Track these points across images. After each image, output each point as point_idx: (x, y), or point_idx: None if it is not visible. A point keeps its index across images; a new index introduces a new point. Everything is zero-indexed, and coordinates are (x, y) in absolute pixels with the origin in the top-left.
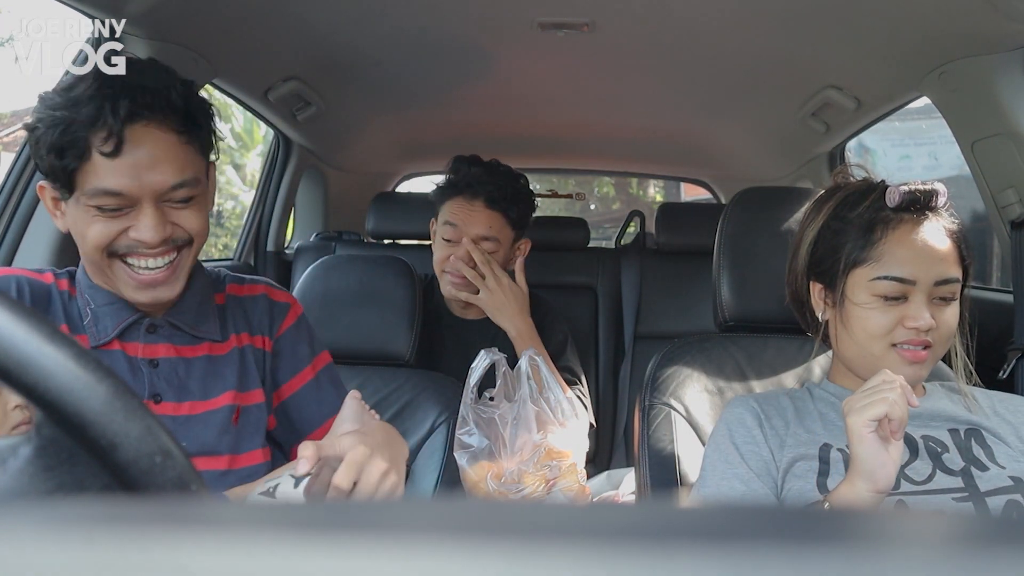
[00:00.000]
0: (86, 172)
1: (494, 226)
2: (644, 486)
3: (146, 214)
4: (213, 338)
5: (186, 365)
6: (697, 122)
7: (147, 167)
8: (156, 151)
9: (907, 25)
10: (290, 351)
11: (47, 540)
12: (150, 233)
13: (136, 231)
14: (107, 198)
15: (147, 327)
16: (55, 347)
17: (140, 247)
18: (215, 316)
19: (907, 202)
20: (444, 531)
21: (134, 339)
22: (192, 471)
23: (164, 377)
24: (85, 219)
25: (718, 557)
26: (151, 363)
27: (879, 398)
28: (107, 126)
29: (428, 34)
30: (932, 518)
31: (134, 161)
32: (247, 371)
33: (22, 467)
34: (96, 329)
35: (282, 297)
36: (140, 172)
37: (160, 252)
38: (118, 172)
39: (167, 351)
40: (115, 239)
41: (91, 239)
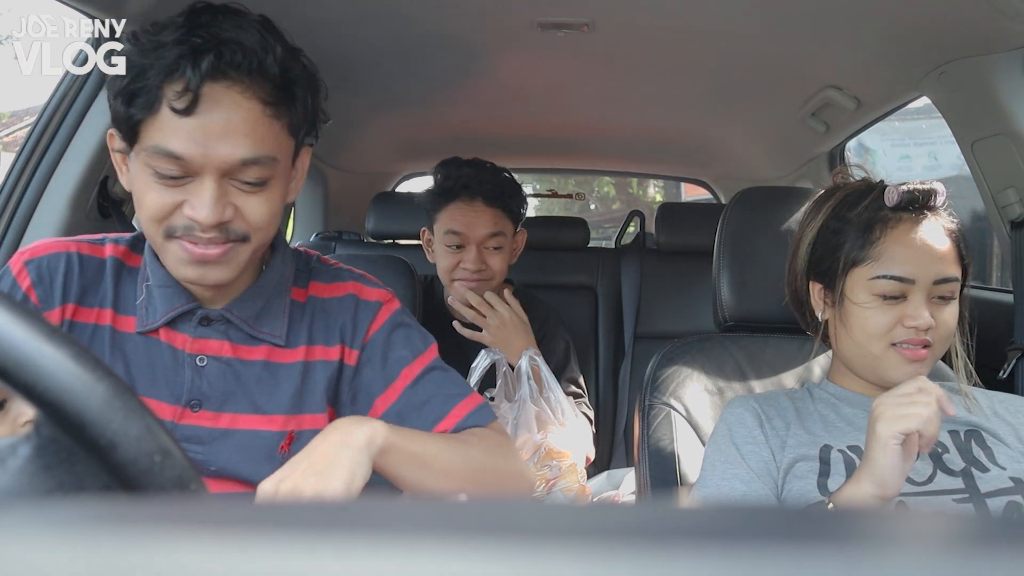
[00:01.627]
0: (151, 126)
1: (498, 223)
2: (644, 486)
3: (205, 188)
4: (275, 341)
5: (238, 368)
6: (697, 122)
7: (218, 134)
8: (233, 118)
9: (907, 25)
10: (380, 358)
11: (47, 540)
12: (205, 211)
13: (191, 207)
14: (166, 160)
15: (200, 319)
16: (54, 346)
17: (194, 228)
18: (285, 315)
19: (906, 201)
20: (444, 531)
21: (184, 330)
22: (192, 471)
23: (209, 380)
24: (142, 181)
25: (718, 557)
26: (198, 361)
27: (914, 412)
28: (184, 79)
29: (428, 34)
30: (932, 518)
31: (205, 124)
32: (310, 390)
33: (22, 466)
34: (146, 312)
35: (372, 295)
36: (209, 138)
37: (210, 240)
38: (185, 133)
39: (219, 348)
40: (170, 215)
41: (147, 208)
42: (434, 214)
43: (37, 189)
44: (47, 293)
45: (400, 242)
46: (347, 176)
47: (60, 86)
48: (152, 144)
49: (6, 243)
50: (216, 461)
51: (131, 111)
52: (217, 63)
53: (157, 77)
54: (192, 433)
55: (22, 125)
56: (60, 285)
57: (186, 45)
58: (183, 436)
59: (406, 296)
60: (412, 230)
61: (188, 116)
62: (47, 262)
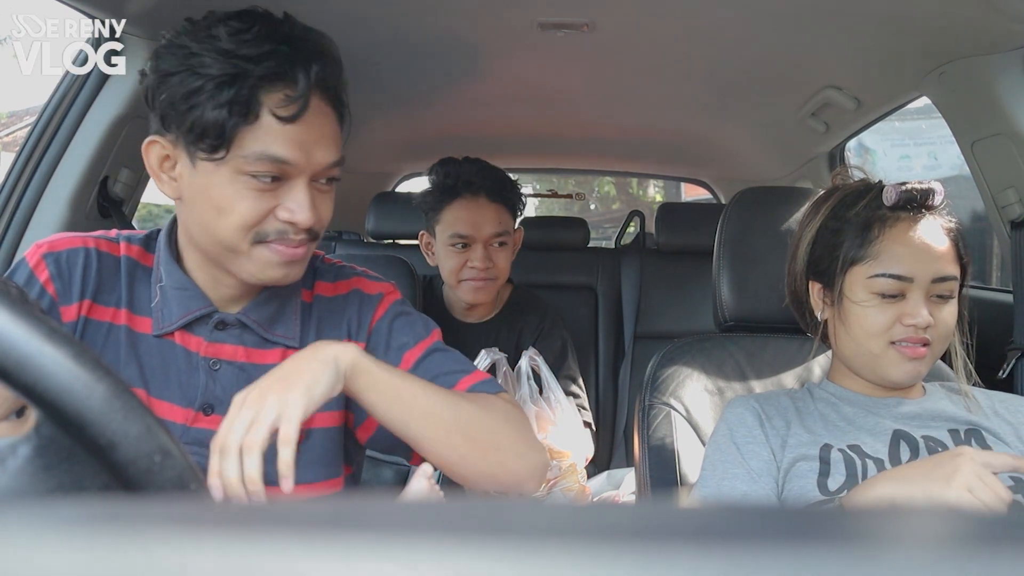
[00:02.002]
0: (249, 133)
1: (502, 220)
2: (644, 486)
3: (300, 191)
4: (289, 344)
5: (251, 373)
6: (697, 122)
7: (315, 140)
8: (325, 124)
9: (907, 25)
10: (384, 347)
11: (47, 540)
12: (304, 213)
13: (287, 211)
14: (269, 165)
15: (216, 323)
16: (54, 346)
17: (289, 232)
18: (297, 317)
19: (904, 200)
20: (444, 531)
21: (199, 334)
22: (191, 471)
23: (223, 384)
24: (232, 189)
25: (718, 557)
26: (212, 365)
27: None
28: (294, 88)
29: (428, 34)
30: (932, 518)
31: (307, 131)
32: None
33: (21, 467)
34: (161, 314)
35: (374, 288)
36: (308, 144)
37: (300, 241)
38: (288, 140)
39: (233, 353)
40: (262, 221)
41: (240, 215)
42: (436, 215)
43: (37, 189)
44: (65, 287)
45: (400, 242)
46: (347, 176)
47: (60, 86)
48: (256, 151)
49: (6, 243)
50: None
51: (232, 119)
52: (321, 74)
53: (258, 84)
54: (204, 437)
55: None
56: (79, 280)
57: (288, 55)
58: (195, 440)
59: (407, 296)
60: (412, 230)
61: (292, 123)
62: (66, 256)
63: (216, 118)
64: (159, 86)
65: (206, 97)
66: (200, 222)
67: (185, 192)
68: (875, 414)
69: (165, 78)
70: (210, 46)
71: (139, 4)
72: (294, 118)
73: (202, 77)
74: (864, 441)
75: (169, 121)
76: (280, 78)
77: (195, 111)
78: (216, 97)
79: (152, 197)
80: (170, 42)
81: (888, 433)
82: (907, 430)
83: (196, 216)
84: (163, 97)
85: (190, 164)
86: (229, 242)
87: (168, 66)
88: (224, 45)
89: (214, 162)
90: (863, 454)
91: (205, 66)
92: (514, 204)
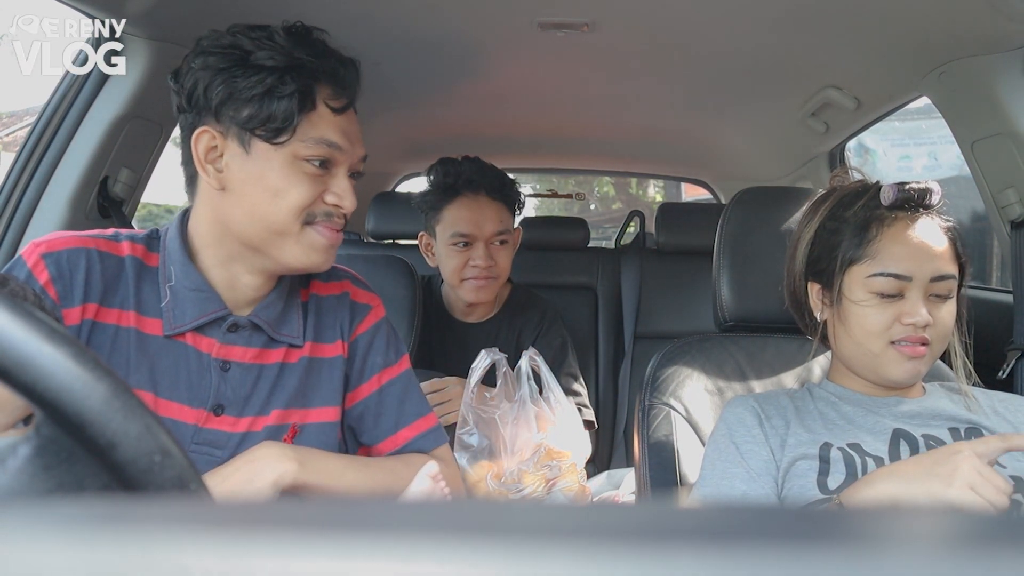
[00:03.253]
0: (307, 121)
1: (503, 218)
2: (644, 486)
3: (344, 178)
4: (294, 342)
5: (258, 372)
6: (697, 122)
7: (355, 134)
8: (357, 124)
9: (907, 25)
10: (361, 359)
11: (47, 540)
12: (350, 198)
13: (335, 196)
14: (324, 150)
15: (229, 326)
16: (54, 346)
17: (334, 214)
18: (299, 316)
19: (901, 200)
20: (444, 531)
21: (212, 335)
22: (191, 470)
23: (233, 385)
24: (288, 174)
25: (718, 557)
26: (223, 366)
27: (987, 499)
28: (343, 83)
29: (428, 34)
30: (931, 518)
31: (349, 123)
32: (313, 384)
33: (21, 466)
34: (173, 315)
35: (364, 297)
36: (350, 136)
37: (340, 224)
38: (338, 128)
39: (242, 355)
40: (312, 204)
41: (295, 198)
42: (436, 214)
43: (37, 189)
44: (67, 290)
45: (400, 242)
46: None
47: (60, 86)
48: (314, 136)
49: (6, 243)
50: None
51: (294, 106)
52: (357, 75)
53: (314, 77)
54: (213, 437)
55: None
56: (81, 283)
57: (333, 57)
58: (204, 440)
59: (406, 296)
60: (412, 230)
61: (341, 115)
62: (67, 257)
63: (283, 106)
64: (212, 81)
65: (271, 87)
66: (250, 208)
67: (233, 181)
68: (875, 413)
69: (219, 72)
70: (267, 44)
71: (139, 4)
72: (343, 110)
73: (264, 69)
74: (864, 440)
75: (223, 112)
76: (332, 74)
77: (258, 100)
78: (282, 87)
79: (152, 197)
80: (214, 43)
81: (888, 432)
82: (907, 429)
83: (246, 202)
84: (218, 90)
85: (242, 152)
86: (282, 224)
87: (222, 62)
88: (282, 43)
89: (274, 146)
90: (863, 452)
91: (264, 60)
92: (513, 202)
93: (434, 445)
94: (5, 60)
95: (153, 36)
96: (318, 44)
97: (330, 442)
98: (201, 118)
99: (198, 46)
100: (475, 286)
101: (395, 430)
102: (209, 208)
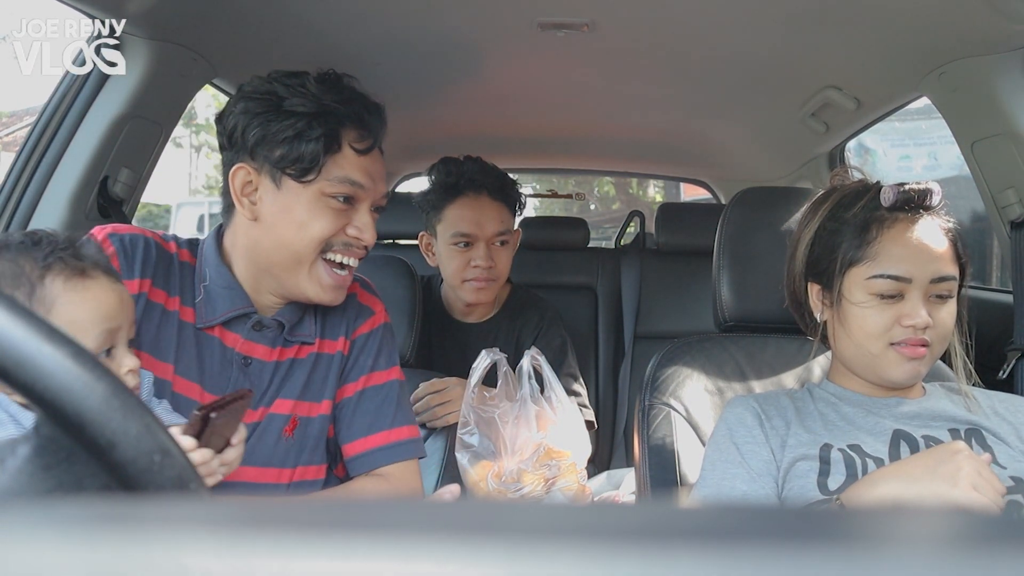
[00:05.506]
0: (333, 161)
1: (504, 219)
2: (644, 486)
3: (365, 213)
4: (307, 340)
5: (274, 369)
6: (697, 122)
7: (377, 172)
8: (382, 163)
9: (907, 25)
10: (354, 358)
11: (46, 540)
12: (370, 231)
13: (356, 229)
14: (348, 187)
15: (254, 324)
16: (53, 346)
17: (355, 245)
18: (312, 318)
19: (901, 201)
20: (444, 531)
21: (237, 331)
22: (191, 470)
23: (251, 380)
24: (313, 209)
25: (718, 557)
26: (245, 361)
27: (986, 498)
28: (367, 128)
29: (428, 34)
30: (931, 518)
31: (372, 164)
32: (317, 379)
33: (21, 466)
34: (205, 309)
35: (368, 300)
36: (373, 175)
37: (360, 254)
38: (362, 168)
39: (264, 353)
40: (333, 236)
41: (316, 230)
42: (437, 214)
43: (37, 189)
44: (128, 264)
45: (400, 242)
46: None
47: (60, 86)
48: (339, 175)
49: None
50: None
51: (320, 149)
52: (381, 118)
53: (339, 122)
54: None
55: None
56: (140, 261)
57: (359, 103)
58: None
59: (406, 296)
60: (412, 230)
61: (365, 156)
62: (129, 239)
63: (311, 148)
64: (249, 123)
65: (300, 131)
66: (278, 237)
67: (264, 213)
68: (875, 414)
69: (256, 116)
70: (299, 91)
71: (139, 4)
72: (367, 151)
73: (294, 115)
74: (864, 441)
75: (258, 152)
76: (357, 119)
77: (289, 142)
78: (310, 131)
79: (152, 197)
80: (255, 88)
81: (888, 433)
82: (907, 430)
83: (274, 232)
84: (254, 132)
85: (274, 187)
86: (303, 253)
87: (259, 108)
88: (312, 90)
89: (302, 184)
90: (863, 453)
91: (296, 106)
92: (515, 203)
93: (404, 456)
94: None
95: (153, 36)
96: (346, 90)
97: (323, 435)
98: (239, 156)
99: (240, 91)
100: (475, 287)
101: (366, 433)
102: (242, 235)
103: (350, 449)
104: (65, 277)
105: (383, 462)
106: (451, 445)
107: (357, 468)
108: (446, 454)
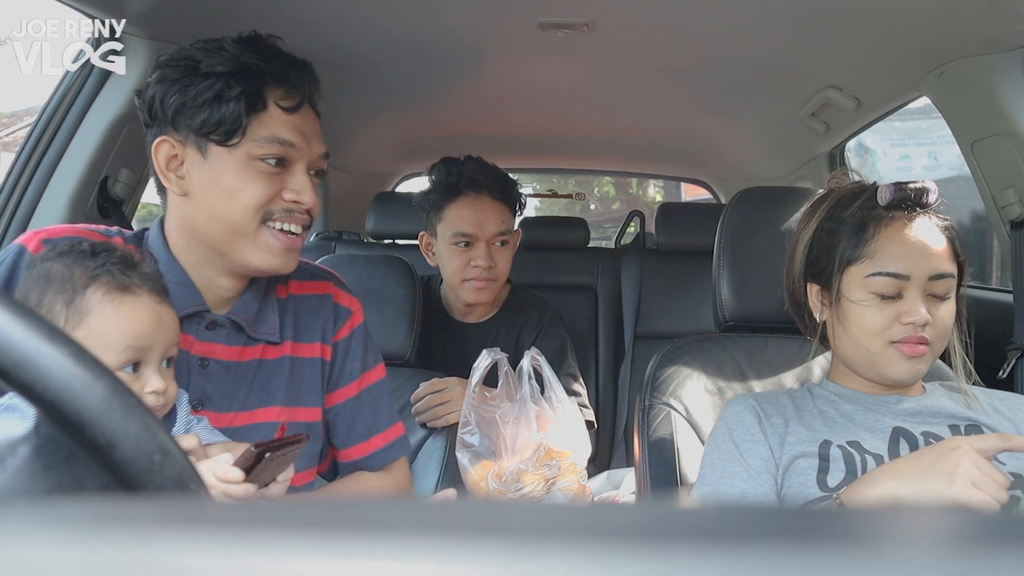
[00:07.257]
0: (259, 121)
1: (504, 219)
2: (644, 486)
3: (302, 174)
4: (271, 339)
5: (236, 370)
6: (697, 122)
7: (311, 132)
8: (315, 121)
9: (907, 25)
10: (340, 362)
11: (46, 540)
12: (308, 193)
13: (293, 192)
14: (277, 148)
15: (208, 323)
16: (53, 345)
17: (296, 210)
18: (275, 313)
19: (898, 199)
20: (444, 531)
21: (191, 332)
22: (191, 470)
23: (212, 382)
24: (243, 174)
25: (718, 557)
26: (202, 363)
27: (986, 497)
28: (294, 83)
29: (428, 34)
30: (931, 518)
31: (304, 122)
32: (298, 384)
33: (21, 466)
34: None
35: (345, 300)
36: (306, 134)
37: (303, 220)
38: (291, 126)
39: (221, 352)
40: (270, 202)
41: (251, 196)
42: (438, 213)
43: (37, 189)
44: None
45: (400, 242)
46: (347, 176)
47: (60, 86)
48: (265, 135)
49: (6, 243)
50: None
51: (242, 108)
52: (309, 75)
53: (263, 80)
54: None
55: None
56: None
57: (282, 59)
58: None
59: (406, 296)
60: (412, 230)
61: (293, 113)
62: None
63: (231, 108)
64: (167, 92)
65: (219, 91)
66: (210, 210)
67: (193, 186)
68: (875, 411)
69: (173, 83)
70: (217, 52)
71: (139, 4)
72: (295, 108)
73: (212, 76)
74: (863, 438)
75: (180, 121)
76: (282, 76)
77: (209, 105)
78: (229, 91)
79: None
80: (171, 56)
81: (888, 430)
82: (907, 427)
83: (207, 206)
84: (173, 100)
85: (200, 158)
86: (240, 223)
87: (175, 74)
88: (231, 50)
89: (227, 148)
90: (862, 450)
91: (214, 66)
92: (515, 203)
93: (398, 455)
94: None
95: (153, 36)
96: (267, 48)
97: (316, 442)
98: (162, 129)
99: (157, 63)
100: (475, 287)
101: (367, 436)
102: (176, 214)
103: (353, 453)
104: (106, 290)
105: (384, 462)
106: (451, 445)
107: (357, 470)
108: (446, 454)
